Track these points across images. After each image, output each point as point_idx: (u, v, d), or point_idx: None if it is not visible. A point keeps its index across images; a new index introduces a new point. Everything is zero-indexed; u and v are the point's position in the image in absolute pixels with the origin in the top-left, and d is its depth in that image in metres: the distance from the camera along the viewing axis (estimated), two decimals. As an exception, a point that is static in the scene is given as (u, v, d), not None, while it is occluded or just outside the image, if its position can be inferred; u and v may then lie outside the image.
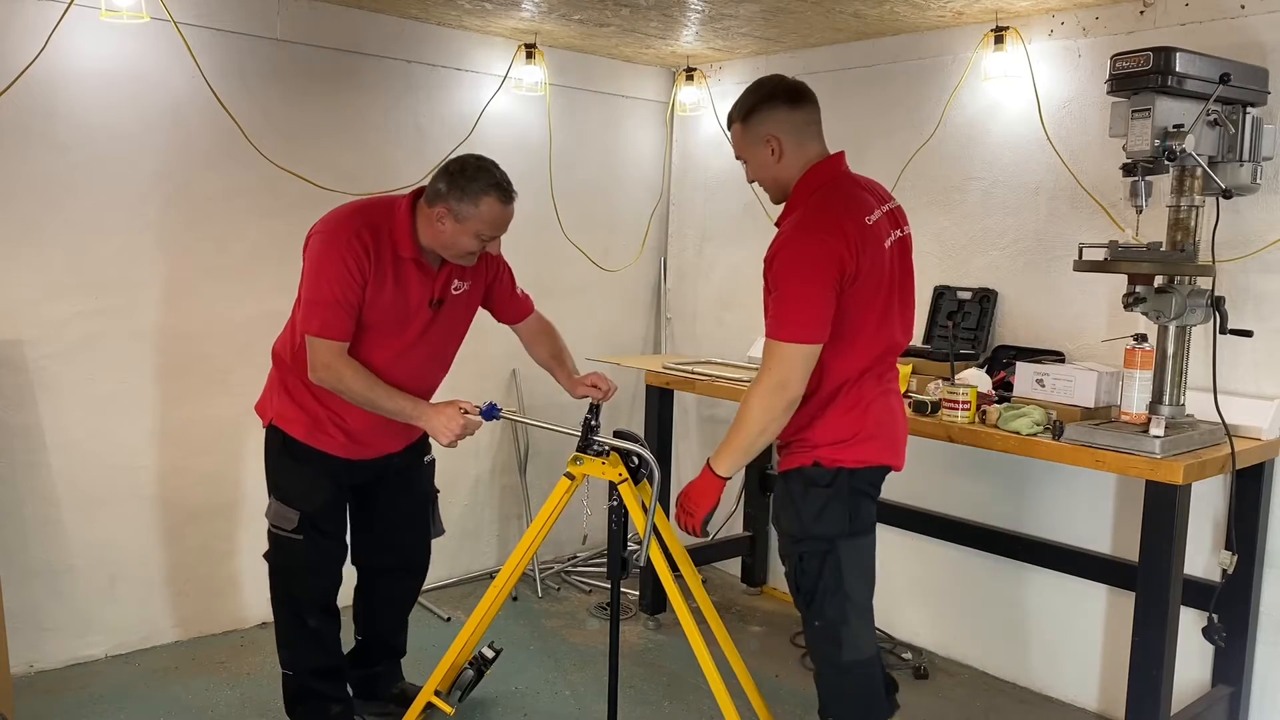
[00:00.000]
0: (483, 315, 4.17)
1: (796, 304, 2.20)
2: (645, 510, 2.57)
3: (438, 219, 2.50)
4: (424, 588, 4.03)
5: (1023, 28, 3.37)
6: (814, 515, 2.32)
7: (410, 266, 2.56)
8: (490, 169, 2.52)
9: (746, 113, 2.36)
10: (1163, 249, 2.67)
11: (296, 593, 2.76)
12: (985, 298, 3.47)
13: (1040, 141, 3.33)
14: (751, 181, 2.46)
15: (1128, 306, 2.66)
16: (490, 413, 2.79)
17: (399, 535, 2.96)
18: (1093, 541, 3.25)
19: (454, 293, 2.70)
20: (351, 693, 3.05)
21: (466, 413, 2.54)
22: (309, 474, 2.66)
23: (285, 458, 2.66)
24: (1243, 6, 2.87)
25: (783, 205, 2.40)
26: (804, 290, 2.19)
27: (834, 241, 2.19)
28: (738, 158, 2.44)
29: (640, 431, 3.67)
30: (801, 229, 2.24)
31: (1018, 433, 2.77)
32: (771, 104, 2.34)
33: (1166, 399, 2.72)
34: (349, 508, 2.86)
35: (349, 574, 2.91)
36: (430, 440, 2.88)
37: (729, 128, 2.44)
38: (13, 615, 2.99)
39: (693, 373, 3.74)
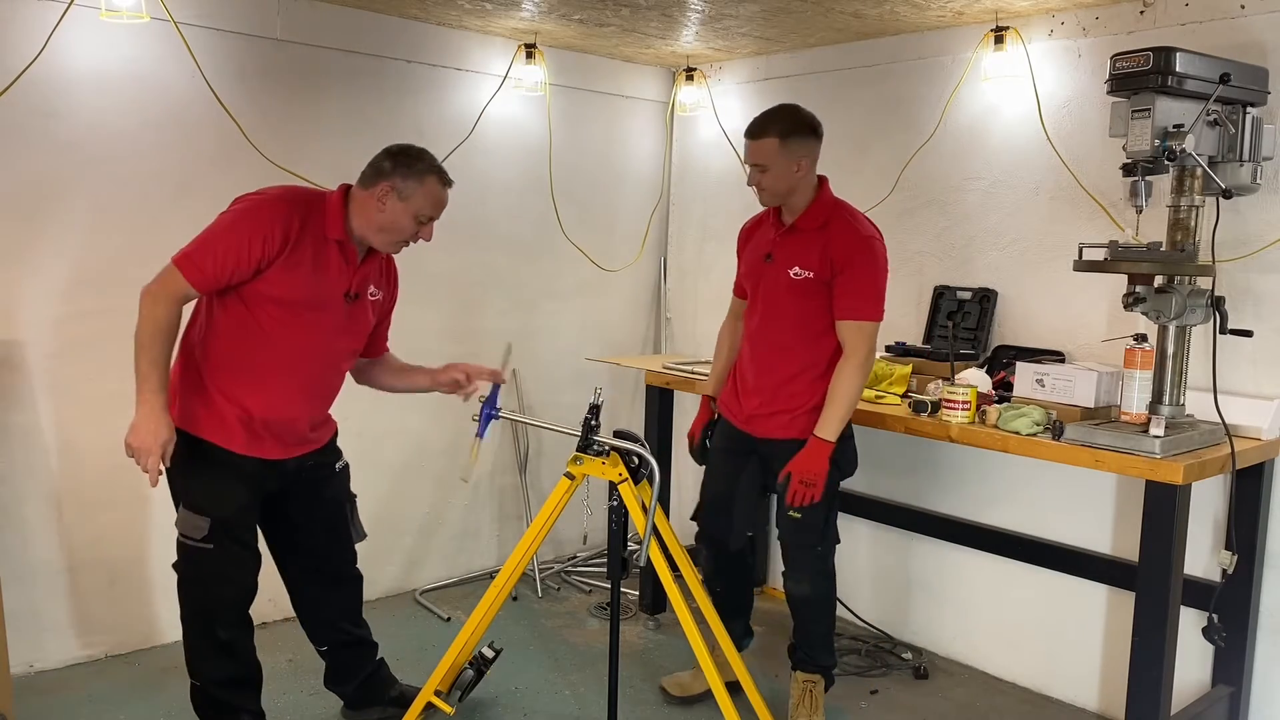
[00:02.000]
0: (482, 317, 4.20)
1: (878, 291, 2.79)
2: (645, 510, 2.57)
3: (379, 198, 2.54)
4: (424, 587, 4.08)
5: (1023, 28, 3.37)
6: (849, 461, 2.92)
7: (334, 250, 2.56)
8: (431, 155, 2.61)
9: (788, 132, 2.77)
10: (1163, 249, 2.67)
11: (208, 605, 2.63)
12: (985, 298, 3.47)
13: (1040, 141, 3.33)
14: (754, 185, 2.84)
15: (1128, 306, 2.66)
16: (488, 414, 2.79)
17: (319, 545, 2.85)
18: (1093, 541, 3.25)
19: (370, 297, 2.70)
20: (345, 703, 3.03)
21: (163, 456, 2.39)
22: (219, 476, 2.54)
23: (193, 461, 2.52)
24: (1243, 6, 2.87)
25: (784, 209, 2.89)
26: (884, 279, 2.81)
27: (883, 245, 2.84)
28: (756, 164, 2.79)
29: (640, 431, 3.67)
30: (867, 229, 2.82)
31: (1018, 433, 2.77)
32: (814, 136, 2.82)
33: (1166, 399, 2.72)
34: (264, 521, 2.75)
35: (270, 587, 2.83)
36: (340, 447, 2.85)
37: (758, 137, 2.78)
38: (13, 615, 2.98)
39: (693, 373, 3.74)
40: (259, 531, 2.74)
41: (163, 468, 2.41)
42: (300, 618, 2.95)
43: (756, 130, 2.79)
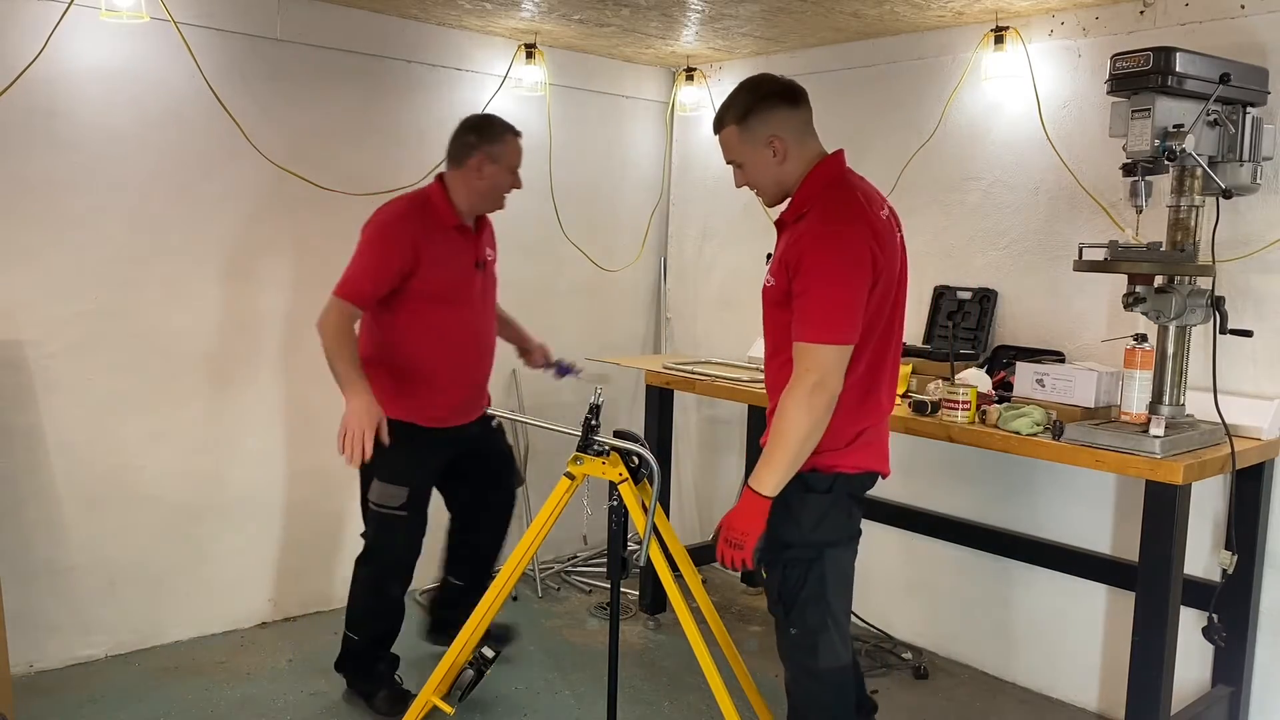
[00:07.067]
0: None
1: (830, 304, 2.12)
2: (645, 510, 2.57)
3: (476, 169, 2.88)
4: (425, 588, 4.07)
5: (1023, 28, 3.37)
6: (813, 523, 2.23)
7: (455, 234, 2.92)
8: (498, 116, 3.01)
9: (743, 114, 2.26)
10: (1163, 249, 2.67)
11: (393, 566, 3.02)
12: (985, 298, 3.47)
13: (1040, 141, 3.33)
14: (742, 186, 2.37)
15: (1128, 306, 2.66)
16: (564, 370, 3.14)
17: (493, 491, 3.27)
18: (1093, 541, 3.25)
19: (489, 259, 3.07)
20: (430, 625, 3.47)
21: (378, 428, 2.69)
22: (417, 449, 2.91)
23: (391, 437, 2.77)
24: (1243, 6, 2.87)
25: (782, 205, 2.32)
26: (837, 291, 2.12)
27: (865, 239, 2.14)
28: (730, 161, 2.34)
29: (640, 431, 3.66)
30: (831, 225, 2.15)
31: (1018, 433, 2.77)
32: (771, 103, 2.25)
33: (1166, 399, 2.72)
34: (459, 481, 3.19)
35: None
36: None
37: (718, 131, 2.32)
38: (13, 615, 2.99)
39: (693, 373, 3.74)
40: (434, 496, 3.13)
41: (369, 449, 2.68)
42: (455, 555, 3.34)
43: (715, 122, 2.33)
